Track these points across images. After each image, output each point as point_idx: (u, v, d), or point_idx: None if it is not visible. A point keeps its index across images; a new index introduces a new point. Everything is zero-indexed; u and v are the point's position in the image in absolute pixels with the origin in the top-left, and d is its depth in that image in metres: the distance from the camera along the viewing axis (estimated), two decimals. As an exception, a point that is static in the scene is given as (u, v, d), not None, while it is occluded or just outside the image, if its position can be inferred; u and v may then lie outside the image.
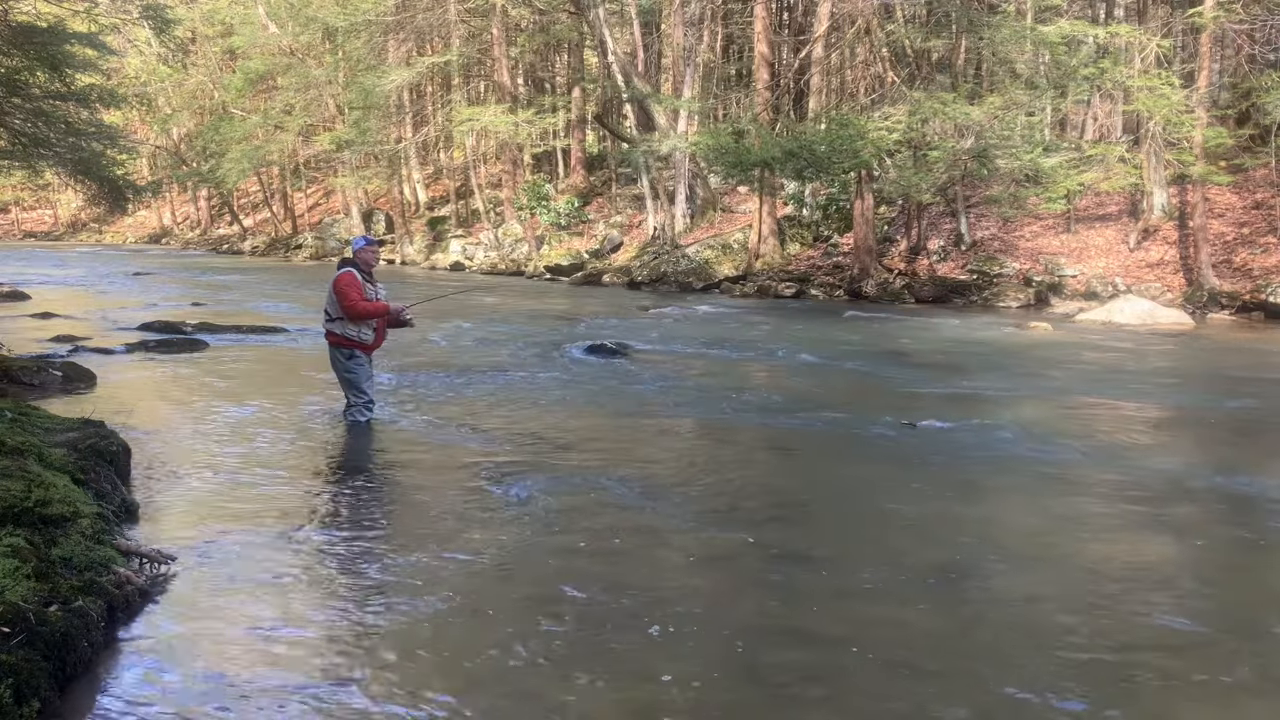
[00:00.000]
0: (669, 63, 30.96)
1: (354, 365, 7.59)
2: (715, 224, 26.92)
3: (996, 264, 21.35)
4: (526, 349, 12.52)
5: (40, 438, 5.41)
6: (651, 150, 25.38)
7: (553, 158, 36.71)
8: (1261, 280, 18.12)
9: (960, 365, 11.83)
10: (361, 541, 5.02)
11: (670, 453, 7.21)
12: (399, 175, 35.97)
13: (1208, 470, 7.09)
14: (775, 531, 5.39)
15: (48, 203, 57.58)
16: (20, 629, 3.26)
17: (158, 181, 44.48)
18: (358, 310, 7.42)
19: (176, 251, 43.45)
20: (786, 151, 21.24)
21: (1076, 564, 4.88)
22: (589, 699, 3.46)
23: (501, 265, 29.54)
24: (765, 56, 26.78)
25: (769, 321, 17.05)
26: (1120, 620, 4.20)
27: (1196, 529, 5.62)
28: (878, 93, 26.47)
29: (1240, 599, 4.52)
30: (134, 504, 5.33)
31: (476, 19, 32.31)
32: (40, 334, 12.47)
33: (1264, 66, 20.86)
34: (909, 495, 6.10)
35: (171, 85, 43.11)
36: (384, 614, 4.11)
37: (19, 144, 12.74)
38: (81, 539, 4.20)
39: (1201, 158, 18.79)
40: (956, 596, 4.44)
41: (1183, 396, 10.32)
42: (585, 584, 4.50)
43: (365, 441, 7.29)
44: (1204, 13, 18.62)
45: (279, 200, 43.83)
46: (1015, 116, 19.94)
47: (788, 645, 3.92)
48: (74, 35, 13.13)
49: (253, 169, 39.02)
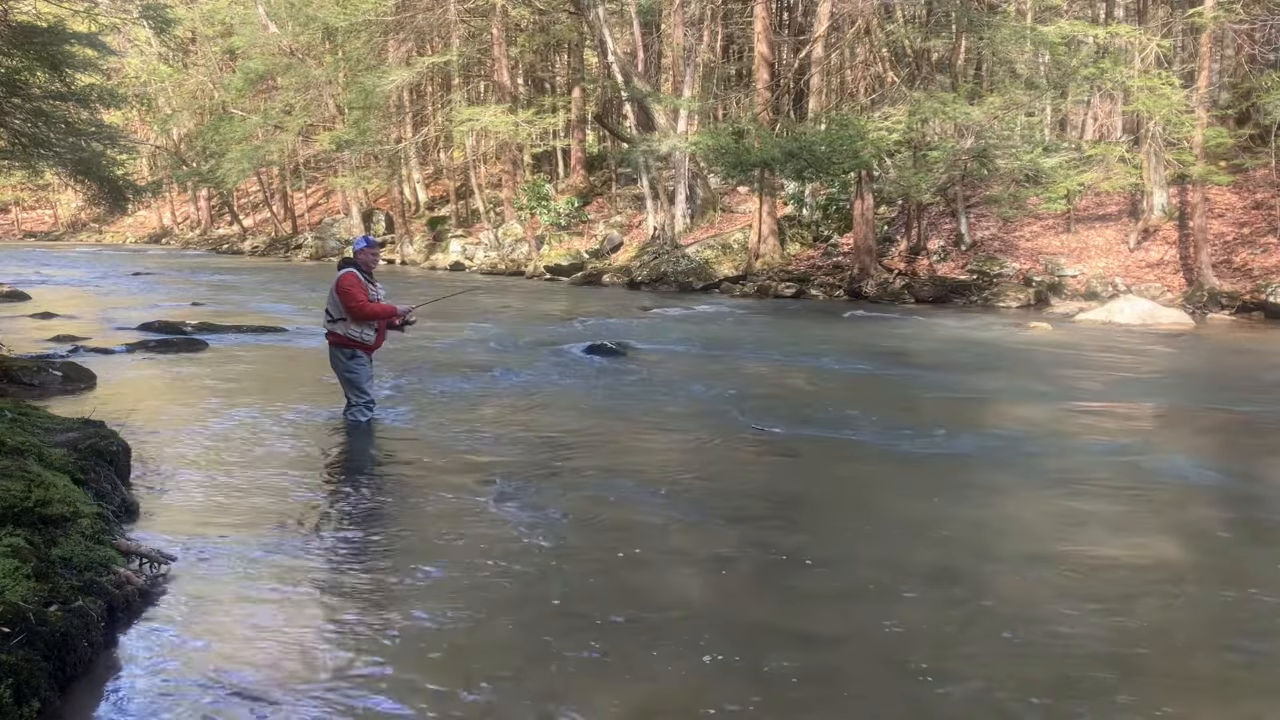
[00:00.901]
0: (669, 63, 30.96)
1: (355, 365, 7.61)
2: (715, 224, 26.91)
3: (996, 264, 21.35)
4: (526, 349, 12.52)
5: (40, 438, 5.41)
6: (651, 150, 25.37)
7: (553, 158, 36.70)
8: (1261, 280, 18.12)
9: (960, 365, 11.83)
10: (361, 542, 5.02)
11: (670, 452, 7.20)
12: (399, 175, 35.96)
13: (1208, 470, 7.09)
14: (775, 531, 5.39)
15: (48, 203, 57.55)
16: (20, 629, 3.26)
17: (158, 181, 44.52)
18: (364, 311, 7.43)
19: (176, 251, 43.44)
20: (786, 151, 21.24)
21: (1076, 564, 4.88)
22: (588, 698, 3.46)
23: (501, 265, 29.54)
24: (765, 56, 26.77)
25: (769, 321, 17.05)
26: (1120, 620, 4.20)
27: (1197, 529, 5.63)
28: (878, 93, 26.48)
29: (1241, 599, 4.51)
30: (134, 504, 5.33)
31: (476, 19, 32.29)
32: (40, 334, 12.47)
33: (1264, 66, 20.87)
34: (908, 495, 6.10)
35: (171, 85, 43.11)
36: (384, 614, 4.11)
37: (19, 144, 12.74)
38: (81, 539, 4.20)
39: (1201, 158, 18.78)
40: (956, 596, 4.44)
41: (1183, 396, 10.32)
42: (585, 584, 4.50)
43: (366, 442, 7.29)
44: (1204, 13, 18.61)
45: (279, 200, 43.82)
46: (1015, 116, 19.94)
47: (787, 645, 3.92)
48: (74, 35, 13.13)
49: (253, 169, 39.01)
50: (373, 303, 7.51)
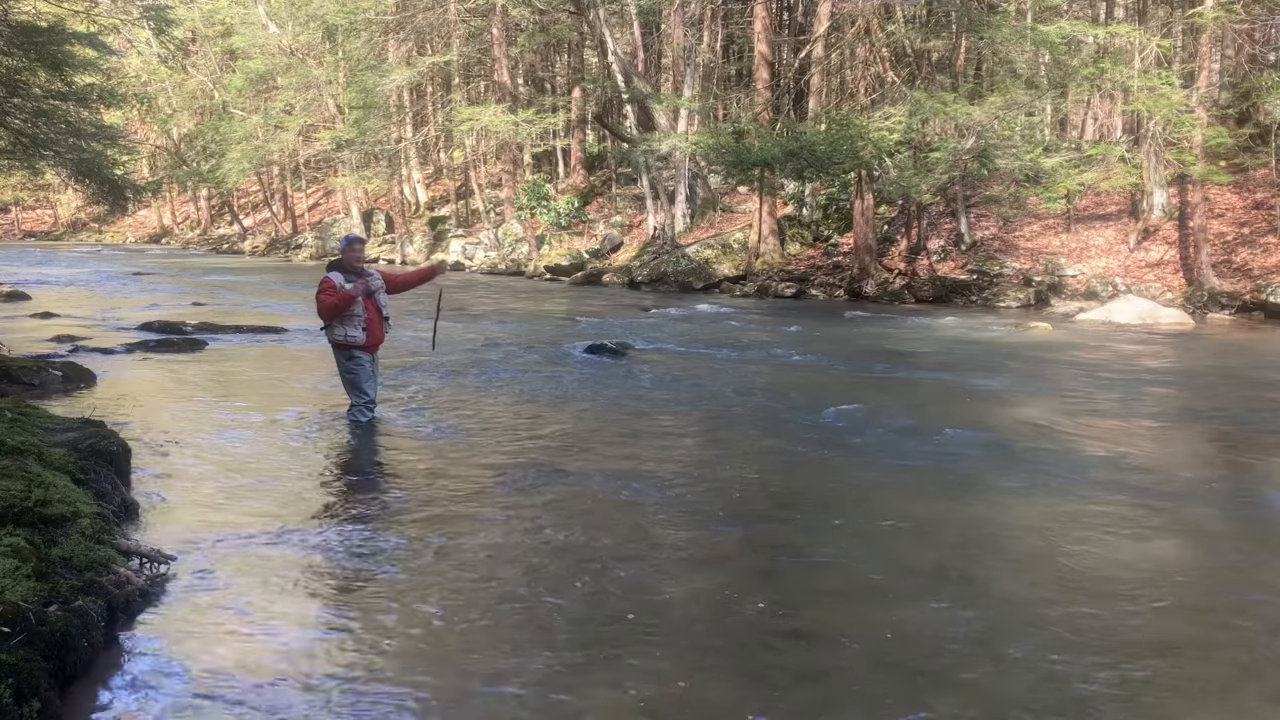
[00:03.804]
0: (669, 63, 30.94)
1: (354, 366, 7.62)
2: (715, 224, 26.91)
3: (996, 264, 21.35)
4: (527, 349, 12.52)
5: (40, 438, 5.41)
6: (651, 150, 25.36)
7: (553, 158, 36.70)
8: (1262, 280, 18.12)
9: (960, 365, 11.83)
10: (361, 541, 5.02)
11: (670, 453, 7.20)
12: (399, 175, 35.96)
13: (1208, 470, 7.09)
14: (775, 531, 5.39)
15: (48, 203, 57.55)
16: (20, 629, 3.26)
17: (158, 181, 44.39)
18: (323, 309, 7.41)
19: (176, 251, 43.46)
20: (786, 151, 21.24)
21: (1076, 564, 4.88)
22: (588, 698, 3.46)
23: (501, 265, 29.53)
24: (765, 56, 26.78)
25: (769, 321, 17.04)
26: (1121, 620, 4.20)
27: (1197, 529, 5.62)
28: (878, 93, 26.45)
29: (1242, 600, 4.51)
30: (134, 504, 5.33)
31: (476, 19, 32.28)
32: (40, 334, 12.47)
33: (1264, 66, 20.87)
34: (908, 495, 6.10)
35: (171, 85, 43.10)
36: (384, 613, 4.11)
37: (19, 144, 12.75)
38: (81, 539, 4.20)
39: (1201, 158, 18.77)
40: (956, 597, 4.44)
41: (1183, 397, 10.32)
42: (584, 583, 4.50)
43: (366, 441, 7.29)
44: (1204, 13, 18.61)
45: (279, 200, 43.82)
46: (1015, 116, 19.93)
47: (788, 645, 3.92)
48: (74, 35, 13.14)
49: (253, 169, 39.02)
50: (326, 296, 7.35)
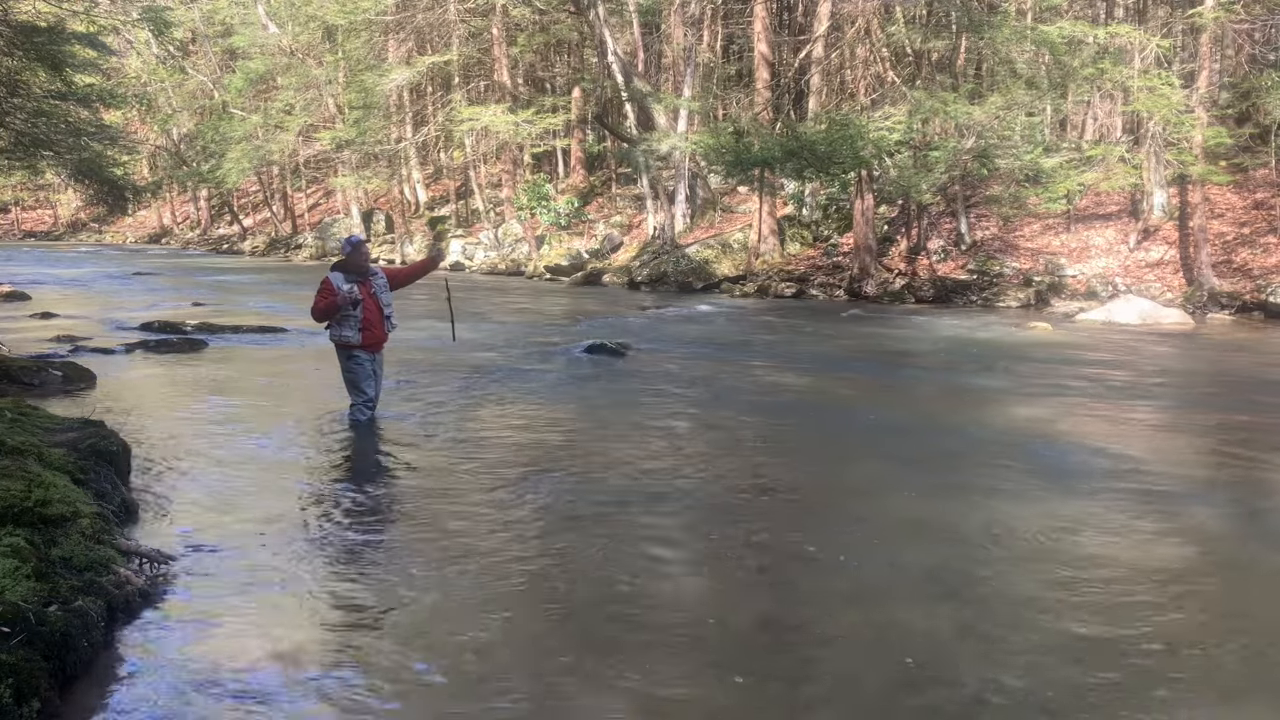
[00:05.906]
0: (669, 63, 30.93)
1: (354, 365, 7.63)
2: (715, 224, 26.90)
3: (997, 264, 21.35)
4: (526, 349, 12.52)
5: (40, 438, 5.41)
6: (651, 150, 25.35)
7: (553, 158, 36.68)
8: (1262, 280, 18.11)
9: (960, 365, 11.83)
10: (361, 541, 5.02)
11: (670, 453, 7.20)
12: (399, 175, 35.95)
13: (1209, 470, 7.09)
14: (775, 531, 5.39)
15: (48, 203, 57.53)
16: (20, 629, 3.26)
17: (158, 181, 44.49)
18: (313, 312, 7.53)
19: (176, 251, 43.44)
20: (786, 151, 21.22)
21: (1077, 564, 4.88)
22: (588, 698, 3.46)
23: (501, 265, 29.53)
24: (765, 56, 26.77)
25: (769, 321, 17.04)
26: (1121, 621, 4.20)
27: (1198, 529, 5.62)
28: (878, 92, 26.46)
29: (1242, 600, 4.51)
30: (134, 504, 5.33)
31: (476, 19, 32.28)
32: (40, 334, 12.47)
33: (1264, 66, 20.87)
34: (909, 495, 6.11)
35: (171, 85, 43.07)
36: (384, 613, 4.11)
37: (20, 144, 12.75)
38: (81, 539, 4.20)
39: (1201, 158, 18.77)
40: (956, 597, 4.44)
41: (1183, 396, 10.32)
42: (584, 584, 4.50)
43: (366, 441, 7.29)
44: (1204, 13, 18.61)
45: (279, 200, 43.79)
46: (1016, 116, 19.92)
47: (788, 644, 3.92)
48: (74, 35, 13.13)
49: (253, 169, 38.98)
50: (321, 300, 7.45)
